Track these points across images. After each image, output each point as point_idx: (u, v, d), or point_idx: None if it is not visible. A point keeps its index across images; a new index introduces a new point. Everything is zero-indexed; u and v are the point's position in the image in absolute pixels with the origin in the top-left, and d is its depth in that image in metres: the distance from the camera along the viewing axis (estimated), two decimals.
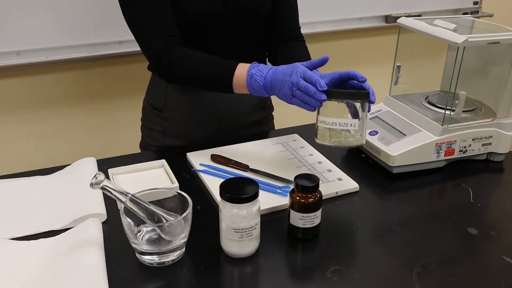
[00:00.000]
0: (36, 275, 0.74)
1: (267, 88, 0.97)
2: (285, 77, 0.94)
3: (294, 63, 0.96)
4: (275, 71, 0.97)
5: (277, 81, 0.95)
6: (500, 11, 2.16)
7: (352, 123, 0.90)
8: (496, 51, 1.13)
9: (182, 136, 1.23)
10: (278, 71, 0.96)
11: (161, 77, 1.10)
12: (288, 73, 0.94)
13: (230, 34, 1.15)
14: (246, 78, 0.99)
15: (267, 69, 0.98)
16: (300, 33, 1.27)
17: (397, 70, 1.18)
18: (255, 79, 0.98)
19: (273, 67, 0.98)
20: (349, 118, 0.90)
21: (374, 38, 2.07)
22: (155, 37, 1.06)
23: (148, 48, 1.07)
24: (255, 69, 0.98)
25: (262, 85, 0.97)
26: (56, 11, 1.48)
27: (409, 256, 0.81)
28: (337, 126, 0.90)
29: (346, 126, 0.90)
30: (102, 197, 0.93)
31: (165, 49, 1.05)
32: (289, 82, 0.93)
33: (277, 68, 0.97)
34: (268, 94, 0.99)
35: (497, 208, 0.97)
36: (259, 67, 0.99)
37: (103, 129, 1.74)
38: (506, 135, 1.09)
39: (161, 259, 0.78)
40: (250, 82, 0.98)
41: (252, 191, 0.76)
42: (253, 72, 0.98)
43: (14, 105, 1.59)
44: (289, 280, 0.77)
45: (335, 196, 0.97)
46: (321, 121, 0.92)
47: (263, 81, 0.97)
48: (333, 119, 0.90)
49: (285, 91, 0.94)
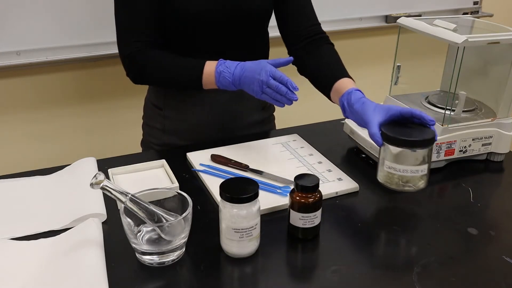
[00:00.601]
0: (36, 275, 0.74)
1: (235, 84, 1.04)
2: (254, 75, 1.00)
3: (260, 61, 1.02)
4: (242, 68, 1.02)
5: (246, 77, 1.01)
6: (500, 11, 2.16)
7: (422, 169, 0.89)
8: (496, 51, 1.13)
9: (181, 134, 1.23)
10: (246, 67, 1.02)
11: (130, 77, 1.14)
12: (257, 71, 1.00)
13: (230, 35, 1.15)
14: (214, 75, 1.05)
15: (234, 65, 1.04)
16: (320, 30, 1.22)
17: (397, 70, 1.18)
18: (224, 76, 1.04)
19: (240, 64, 1.04)
20: (418, 164, 0.89)
21: (374, 38, 2.07)
22: (130, 40, 1.10)
23: (122, 49, 1.12)
24: (223, 66, 1.04)
25: (231, 81, 1.04)
26: (56, 11, 1.48)
27: (409, 256, 0.81)
28: (408, 173, 0.89)
29: (417, 172, 0.89)
30: (102, 197, 0.93)
31: (138, 52, 1.10)
32: (259, 80, 0.99)
33: (244, 65, 1.03)
34: (236, 88, 1.05)
35: (497, 208, 0.97)
36: (226, 63, 1.05)
37: (103, 129, 1.74)
38: (506, 135, 1.09)
39: (161, 259, 0.78)
40: (219, 79, 1.05)
41: (252, 191, 0.76)
42: (221, 70, 1.04)
43: (14, 105, 1.59)
44: (289, 280, 0.77)
45: (335, 196, 0.97)
46: (389, 167, 0.90)
47: (231, 78, 1.03)
48: (404, 167, 0.89)
49: (255, 87, 1.00)
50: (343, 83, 1.07)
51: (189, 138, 1.23)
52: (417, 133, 0.89)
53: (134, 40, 1.10)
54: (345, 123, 1.18)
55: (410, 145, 0.87)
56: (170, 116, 1.23)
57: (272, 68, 1.00)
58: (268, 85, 0.99)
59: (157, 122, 1.25)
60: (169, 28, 1.12)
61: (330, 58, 1.17)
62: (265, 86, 0.99)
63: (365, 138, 1.09)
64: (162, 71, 1.11)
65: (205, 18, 1.10)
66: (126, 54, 1.11)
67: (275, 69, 1.00)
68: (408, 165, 0.88)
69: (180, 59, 1.10)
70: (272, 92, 0.99)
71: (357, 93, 1.02)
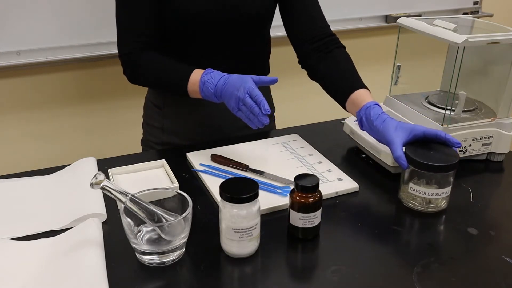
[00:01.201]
0: (36, 275, 0.74)
1: (217, 96, 1.01)
2: (234, 90, 0.97)
3: (245, 76, 0.98)
4: (226, 81, 1.00)
5: (227, 91, 0.99)
6: (500, 11, 2.16)
7: (446, 191, 0.91)
8: (496, 51, 1.13)
9: (180, 134, 1.24)
10: (228, 81, 0.99)
11: (126, 76, 1.14)
12: (237, 86, 0.97)
13: (230, 35, 1.15)
14: (199, 85, 1.03)
15: (219, 76, 1.01)
16: (330, 32, 1.18)
17: (397, 70, 1.18)
18: (207, 86, 1.01)
19: (225, 76, 1.01)
20: (443, 187, 0.90)
21: (374, 38, 2.07)
22: (128, 40, 1.11)
23: (120, 48, 1.12)
24: (208, 76, 1.02)
25: (213, 92, 1.01)
26: (56, 11, 1.48)
27: (409, 256, 0.81)
28: (434, 196, 0.90)
29: (441, 195, 0.90)
30: (102, 197, 0.93)
31: (134, 51, 1.10)
32: (236, 96, 0.97)
33: (228, 78, 1.00)
34: (218, 100, 1.02)
35: (497, 208, 0.97)
36: (211, 74, 1.02)
37: (103, 129, 1.74)
38: (506, 135, 1.09)
39: (161, 259, 0.78)
40: (202, 89, 1.03)
41: (252, 191, 0.76)
42: (205, 80, 1.02)
43: (14, 105, 1.59)
44: (289, 280, 0.77)
45: (335, 196, 0.97)
46: (415, 190, 0.91)
47: (213, 89, 1.01)
48: (429, 190, 0.90)
49: (232, 104, 0.98)
50: (361, 96, 1.04)
51: (188, 138, 1.23)
52: (442, 156, 0.90)
53: (132, 40, 1.10)
54: (345, 123, 1.18)
55: (438, 170, 0.88)
56: (169, 116, 1.23)
57: (252, 85, 0.96)
58: (244, 103, 0.96)
59: (157, 121, 1.25)
60: (169, 28, 1.12)
61: (344, 65, 1.13)
62: (241, 103, 0.96)
63: (365, 138, 1.09)
64: (152, 74, 1.11)
65: (205, 18, 1.10)
66: (122, 53, 1.12)
67: (255, 87, 0.96)
68: (433, 188, 0.90)
69: (171, 64, 1.09)
70: (246, 111, 0.96)
71: (376, 108, 0.99)
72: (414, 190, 0.91)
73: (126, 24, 1.11)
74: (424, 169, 0.89)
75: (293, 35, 1.19)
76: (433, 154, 0.91)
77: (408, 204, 0.93)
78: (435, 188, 0.90)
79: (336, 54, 1.15)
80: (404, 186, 0.94)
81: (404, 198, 0.94)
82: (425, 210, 0.92)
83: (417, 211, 0.92)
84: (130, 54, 1.11)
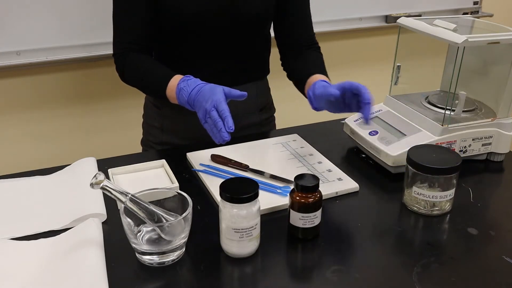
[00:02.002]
0: (36, 275, 0.74)
1: (190, 104, 1.00)
2: (203, 101, 0.96)
3: (216, 87, 0.96)
4: (199, 90, 0.98)
5: (197, 101, 0.98)
6: (500, 11, 2.16)
7: (450, 194, 0.91)
8: (496, 51, 1.13)
9: (180, 133, 1.24)
10: (201, 90, 0.98)
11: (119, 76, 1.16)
12: (206, 98, 0.95)
13: (227, 37, 1.15)
14: (175, 91, 1.02)
15: (195, 85, 1.00)
16: (314, 40, 1.26)
17: (397, 70, 1.18)
18: (182, 93, 1.01)
19: (200, 84, 1.00)
20: (446, 189, 0.90)
21: (374, 38, 2.07)
22: (121, 40, 1.13)
23: (113, 48, 1.14)
24: (184, 83, 1.01)
25: (187, 100, 1.00)
26: (56, 11, 1.48)
27: (409, 256, 0.81)
28: (437, 199, 0.90)
29: (445, 197, 0.91)
30: (102, 197, 0.93)
31: (125, 52, 1.12)
32: (204, 108, 0.95)
33: (202, 87, 0.98)
34: (192, 109, 1.01)
35: (497, 208, 0.97)
36: (188, 81, 1.01)
37: (103, 129, 1.74)
38: (506, 135, 1.09)
39: (161, 259, 0.78)
40: (178, 96, 1.02)
41: (252, 191, 0.76)
42: (181, 87, 1.01)
43: (14, 105, 1.59)
44: (289, 280, 0.77)
45: (335, 196, 0.97)
46: (419, 193, 0.91)
47: (187, 97, 1.00)
48: (433, 193, 0.90)
49: (200, 115, 0.96)
50: (315, 77, 1.08)
51: (188, 137, 1.23)
52: (444, 159, 0.91)
53: (123, 41, 1.12)
54: (345, 123, 1.18)
55: (441, 173, 0.88)
56: (168, 115, 1.23)
57: (221, 98, 0.93)
58: (209, 116, 0.93)
59: (156, 121, 1.26)
60: (166, 29, 1.12)
61: (312, 59, 1.20)
62: (207, 115, 0.94)
63: (365, 138, 1.09)
64: (135, 77, 1.12)
65: (204, 19, 1.10)
66: (113, 53, 1.14)
67: (222, 100, 0.93)
68: (436, 191, 0.90)
69: (154, 67, 1.10)
70: (211, 124, 0.94)
71: (322, 82, 1.02)
72: (418, 193, 0.91)
73: (119, 25, 1.12)
74: (427, 172, 0.89)
75: (284, 41, 1.24)
76: (435, 157, 0.91)
77: (413, 208, 0.93)
78: (439, 191, 0.90)
79: (311, 54, 1.22)
80: (408, 190, 0.94)
81: (408, 202, 0.94)
82: (429, 213, 0.92)
83: (422, 214, 0.92)
84: (120, 55, 1.13)
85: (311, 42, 1.24)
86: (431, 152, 0.93)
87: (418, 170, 0.90)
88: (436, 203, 0.91)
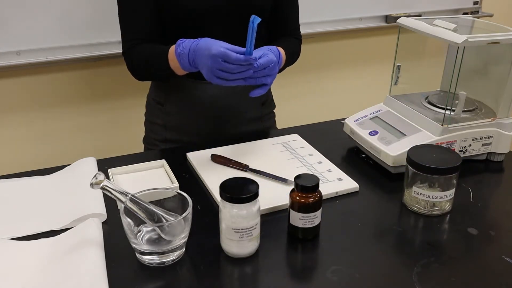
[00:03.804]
0: (36, 275, 0.74)
1: (191, 62, 0.99)
2: (203, 58, 0.94)
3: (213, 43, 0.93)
4: (195, 47, 0.97)
5: (198, 59, 0.96)
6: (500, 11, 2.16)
7: (450, 194, 0.91)
8: (496, 51, 1.13)
9: (182, 130, 1.24)
10: (197, 48, 0.96)
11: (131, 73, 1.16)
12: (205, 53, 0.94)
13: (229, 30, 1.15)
14: (177, 60, 1.01)
15: (190, 43, 0.99)
16: (299, 32, 1.29)
17: (397, 70, 1.18)
18: (182, 58, 1.00)
19: (195, 40, 0.98)
20: (446, 189, 0.90)
21: (374, 38, 2.07)
22: (128, 37, 1.13)
23: (122, 46, 1.15)
24: (180, 48, 1.00)
25: (188, 63, 0.99)
26: (56, 11, 1.47)
27: (409, 256, 0.81)
28: (438, 199, 0.90)
29: (445, 197, 0.91)
30: (102, 197, 0.93)
31: (130, 49, 1.12)
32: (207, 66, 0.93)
33: (197, 44, 0.97)
34: (195, 69, 1.00)
35: (497, 208, 0.97)
36: (183, 43, 1.00)
37: (103, 129, 1.74)
38: (506, 135, 1.09)
39: (161, 259, 0.78)
40: (180, 62, 1.01)
41: (252, 191, 0.76)
42: (179, 52, 1.00)
43: (14, 105, 1.59)
44: (289, 280, 0.77)
45: (335, 196, 0.97)
46: (419, 193, 0.91)
47: (188, 59, 0.99)
48: (433, 193, 0.90)
49: (204, 72, 0.95)
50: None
51: (190, 134, 1.24)
52: (444, 159, 0.91)
53: (130, 39, 1.13)
54: (345, 123, 1.18)
55: (441, 173, 0.88)
56: (171, 112, 1.24)
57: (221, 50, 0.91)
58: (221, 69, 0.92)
59: (159, 118, 1.26)
60: (169, 24, 1.13)
61: (280, 40, 1.22)
62: (215, 72, 0.93)
63: (365, 138, 1.09)
64: (142, 66, 1.12)
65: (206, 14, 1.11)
66: (122, 52, 1.15)
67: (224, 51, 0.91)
68: (437, 191, 0.90)
69: (152, 50, 1.09)
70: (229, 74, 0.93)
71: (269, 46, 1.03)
72: (418, 193, 0.91)
73: (125, 24, 1.13)
74: (427, 172, 0.89)
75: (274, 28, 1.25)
76: (435, 157, 0.91)
77: (413, 208, 0.93)
78: (439, 191, 0.90)
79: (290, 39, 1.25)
80: (408, 190, 0.94)
81: (408, 202, 0.94)
82: (429, 214, 0.92)
83: (422, 214, 0.92)
84: (128, 53, 1.14)
85: (296, 35, 1.28)
86: (431, 152, 0.93)
87: (418, 170, 0.90)
88: (436, 203, 0.91)
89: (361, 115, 1.17)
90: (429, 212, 0.92)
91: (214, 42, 0.94)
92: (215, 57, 0.92)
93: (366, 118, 1.16)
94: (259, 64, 0.95)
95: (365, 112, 1.18)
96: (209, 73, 0.94)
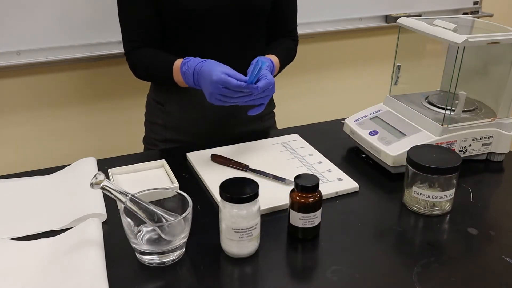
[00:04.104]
0: (36, 275, 0.74)
1: (195, 82, 1.02)
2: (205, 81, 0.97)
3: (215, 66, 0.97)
4: (199, 69, 1.00)
5: (201, 81, 1.00)
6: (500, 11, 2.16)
7: (450, 194, 0.91)
8: (496, 51, 1.13)
9: (182, 130, 1.24)
10: (201, 71, 1.00)
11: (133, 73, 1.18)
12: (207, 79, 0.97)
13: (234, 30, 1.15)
14: (181, 76, 1.06)
15: (195, 64, 1.02)
16: (296, 33, 1.30)
17: (397, 70, 1.18)
18: (187, 77, 1.03)
19: (199, 63, 1.01)
20: (446, 189, 0.90)
21: (374, 38, 2.07)
22: (129, 38, 1.15)
23: (124, 47, 1.16)
24: (185, 67, 1.04)
25: (193, 83, 1.03)
26: (56, 11, 1.47)
27: (409, 256, 0.81)
28: (438, 199, 0.90)
29: (445, 197, 0.91)
30: (102, 197, 0.93)
31: (133, 51, 1.14)
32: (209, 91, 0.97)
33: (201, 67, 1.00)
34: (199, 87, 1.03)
35: (497, 208, 0.97)
36: (188, 63, 1.03)
37: (103, 129, 1.74)
38: (506, 135, 1.09)
39: (161, 259, 0.78)
40: (185, 80, 1.05)
41: (252, 191, 0.76)
42: (184, 71, 1.04)
43: (14, 105, 1.59)
44: (289, 280, 0.77)
45: (335, 196, 0.97)
46: (419, 193, 0.91)
47: (192, 79, 1.02)
48: (433, 193, 0.90)
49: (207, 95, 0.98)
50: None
51: (191, 134, 1.24)
52: (444, 159, 0.91)
53: (131, 39, 1.14)
54: (345, 123, 1.18)
55: (441, 173, 0.88)
56: (171, 112, 1.24)
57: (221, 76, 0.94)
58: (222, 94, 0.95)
59: (159, 118, 1.26)
60: (169, 24, 1.13)
61: (275, 44, 1.24)
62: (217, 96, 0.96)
63: (365, 138, 1.09)
64: (146, 71, 1.15)
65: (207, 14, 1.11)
66: (124, 52, 1.16)
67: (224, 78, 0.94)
68: (437, 191, 0.90)
69: (157, 58, 1.12)
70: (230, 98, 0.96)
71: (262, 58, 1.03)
72: (418, 193, 0.91)
73: (125, 24, 1.14)
74: (427, 172, 0.89)
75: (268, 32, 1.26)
76: (435, 157, 0.91)
77: (413, 208, 0.93)
78: (439, 191, 0.90)
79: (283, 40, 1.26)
80: (408, 190, 0.94)
81: (408, 202, 0.94)
82: (429, 213, 0.92)
83: (422, 214, 0.92)
84: (130, 53, 1.15)
85: (293, 35, 1.29)
86: (431, 152, 0.93)
87: (418, 170, 0.90)
88: (436, 203, 0.91)
89: (361, 115, 1.17)
90: (429, 212, 0.92)
91: (216, 67, 0.96)
92: (216, 83, 0.95)
93: (366, 118, 1.16)
94: (259, 88, 0.96)
95: (365, 112, 1.18)
96: (211, 97, 0.98)
